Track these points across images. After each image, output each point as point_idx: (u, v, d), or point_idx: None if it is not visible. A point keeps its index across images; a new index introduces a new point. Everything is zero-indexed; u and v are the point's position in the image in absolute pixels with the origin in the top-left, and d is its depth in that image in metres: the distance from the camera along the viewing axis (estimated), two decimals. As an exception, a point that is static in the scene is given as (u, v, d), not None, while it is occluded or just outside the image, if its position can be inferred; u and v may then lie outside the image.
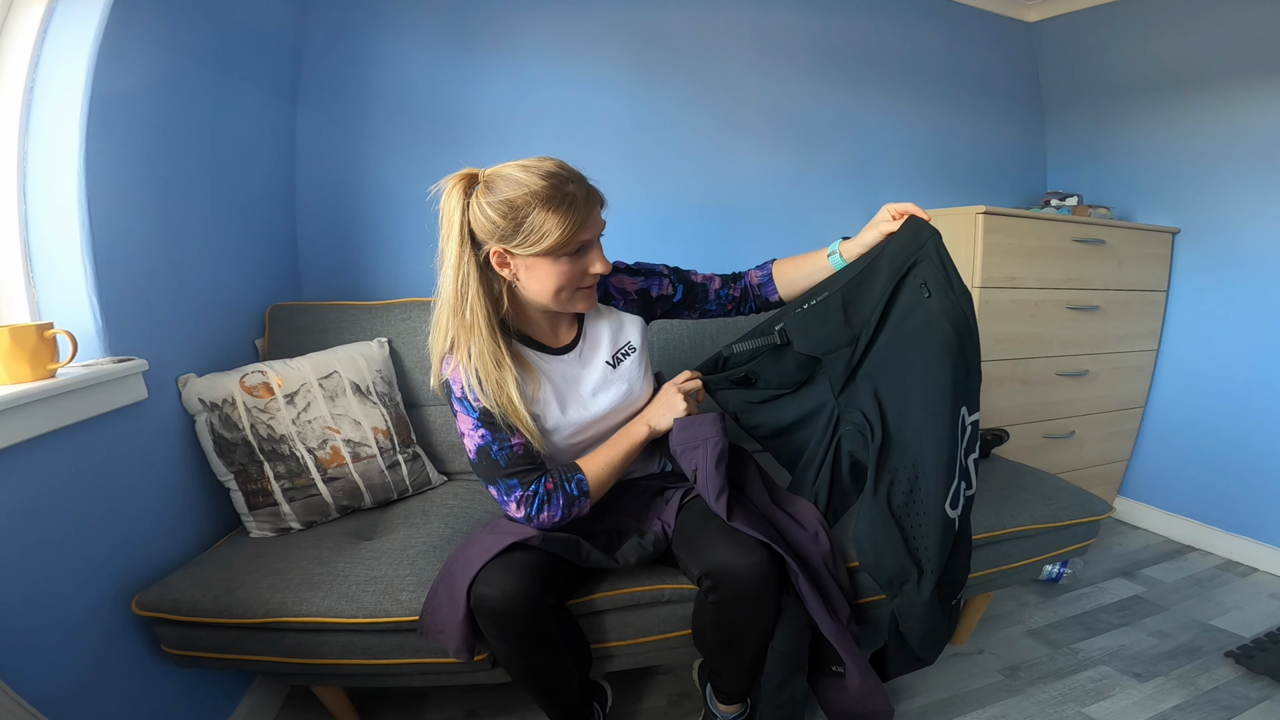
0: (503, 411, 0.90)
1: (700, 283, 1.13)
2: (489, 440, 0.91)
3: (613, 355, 1.05)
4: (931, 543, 0.96)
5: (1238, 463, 1.90)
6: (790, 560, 0.93)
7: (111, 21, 0.94)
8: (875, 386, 1.02)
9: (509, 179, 0.86)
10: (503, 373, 0.90)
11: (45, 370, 0.84)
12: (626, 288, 1.08)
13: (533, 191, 0.84)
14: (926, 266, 0.95)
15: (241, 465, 1.13)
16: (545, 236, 0.85)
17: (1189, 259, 2.00)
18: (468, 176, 0.88)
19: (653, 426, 1.02)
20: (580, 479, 0.95)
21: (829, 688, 1.05)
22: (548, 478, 0.93)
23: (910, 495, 0.97)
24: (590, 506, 0.97)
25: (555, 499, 0.92)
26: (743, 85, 1.92)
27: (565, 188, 0.85)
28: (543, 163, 0.87)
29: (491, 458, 0.91)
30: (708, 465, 0.97)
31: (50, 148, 0.92)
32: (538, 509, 0.92)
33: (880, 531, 0.97)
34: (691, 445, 0.99)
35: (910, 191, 2.15)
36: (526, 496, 0.91)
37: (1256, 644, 1.43)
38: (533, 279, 0.90)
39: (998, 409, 1.82)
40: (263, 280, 1.45)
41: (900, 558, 0.96)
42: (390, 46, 1.60)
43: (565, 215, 0.85)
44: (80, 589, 0.87)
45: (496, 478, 0.92)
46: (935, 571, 0.95)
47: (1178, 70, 1.94)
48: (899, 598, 0.99)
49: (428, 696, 1.31)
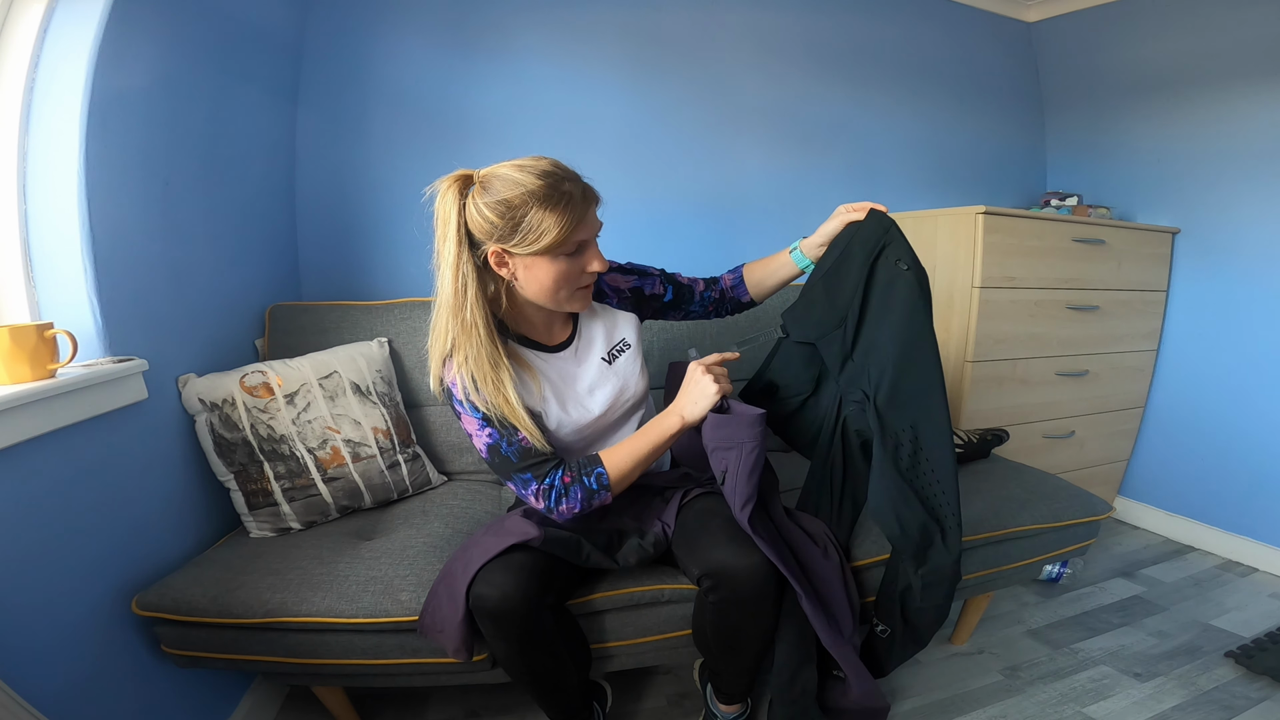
0: (499, 413, 0.90)
1: (687, 285, 1.16)
2: (497, 438, 0.91)
3: (608, 352, 1.05)
4: (948, 497, 0.98)
5: (1238, 463, 1.90)
6: (795, 584, 0.92)
7: (111, 21, 0.94)
8: (868, 361, 1.04)
9: (505, 179, 0.86)
10: (499, 373, 0.90)
11: (45, 370, 0.84)
12: (620, 285, 1.09)
13: (530, 191, 0.84)
14: (896, 247, 1.01)
15: (241, 465, 1.13)
16: (543, 235, 0.85)
17: (1189, 259, 2.00)
18: (462, 178, 0.88)
19: (685, 418, 0.96)
20: (600, 472, 0.93)
21: (830, 690, 1.06)
22: (565, 470, 0.93)
23: (915, 456, 0.99)
24: (613, 497, 0.95)
25: (573, 492, 0.92)
26: (742, 85, 1.92)
27: (562, 186, 0.86)
28: (538, 162, 0.87)
29: (502, 455, 0.91)
30: (739, 470, 0.93)
31: (50, 148, 0.92)
32: (555, 501, 0.91)
33: (897, 496, 0.98)
34: (725, 445, 0.94)
35: (910, 191, 2.15)
36: (543, 489, 0.91)
37: (1256, 644, 1.43)
38: (531, 278, 0.90)
39: (998, 409, 1.82)
40: (263, 280, 1.45)
41: (920, 517, 0.98)
42: (390, 47, 1.60)
43: (563, 214, 0.85)
44: (80, 589, 0.87)
45: (511, 473, 0.92)
46: (957, 526, 0.98)
47: (1178, 70, 1.94)
48: (925, 565, 0.99)
49: (428, 696, 1.31)
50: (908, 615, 1.05)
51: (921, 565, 0.99)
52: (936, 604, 1.02)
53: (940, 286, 1.82)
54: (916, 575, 1.00)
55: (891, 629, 1.06)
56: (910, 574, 1.01)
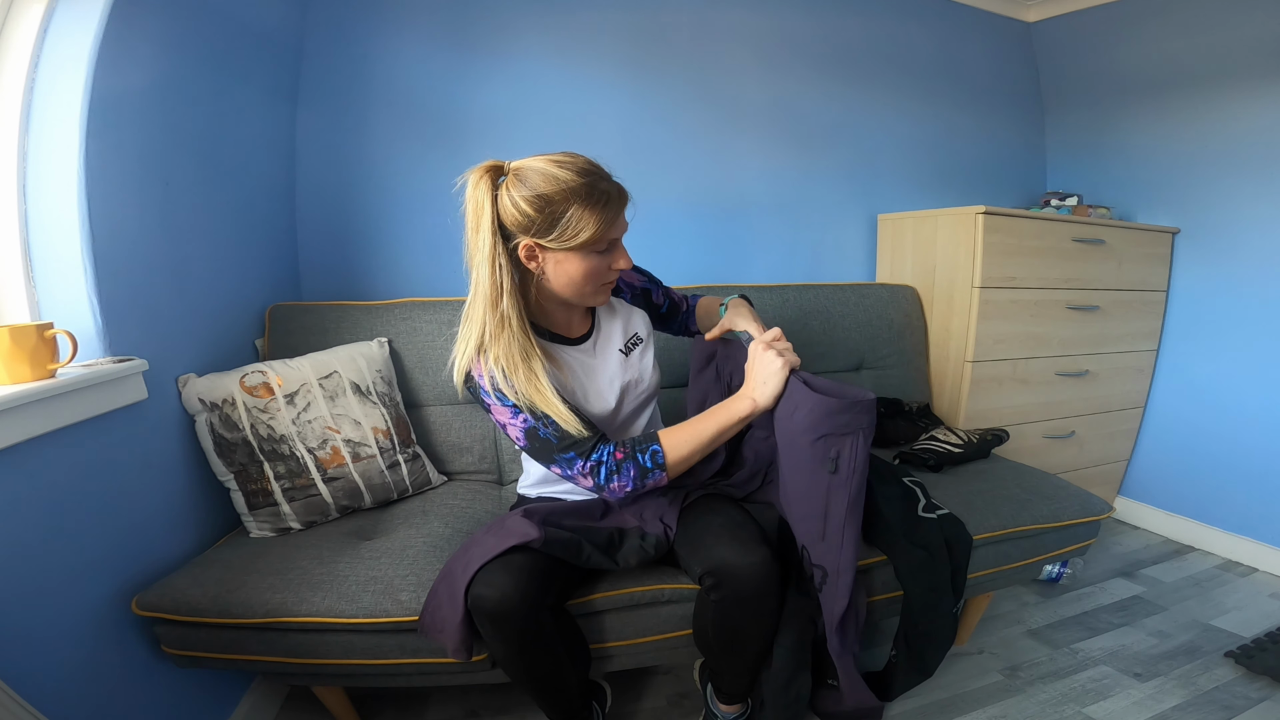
0: (529, 402, 0.89)
1: (677, 303, 1.22)
2: (532, 423, 0.90)
3: (625, 344, 1.07)
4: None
5: (1238, 463, 1.90)
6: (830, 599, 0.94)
7: (111, 22, 0.94)
8: None
9: (543, 173, 0.85)
10: (531, 363, 0.89)
11: (45, 370, 0.84)
12: (634, 283, 1.14)
13: (570, 188, 0.85)
14: None
15: (241, 465, 1.13)
16: (581, 232, 0.86)
17: (1189, 259, 2.00)
18: (493, 168, 0.88)
19: (758, 401, 0.91)
20: (656, 450, 0.91)
21: (824, 700, 1.07)
22: (617, 447, 0.91)
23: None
24: (669, 479, 0.93)
25: (625, 469, 0.90)
26: (742, 85, 1.92)
27: (600, 185, 0.87)
28: (574, 159, 0.88)
29: (541, 438, 0.90)
30: (857, 457, 0.86)
31: (50, 148, 0.92)
32: (605, 478, 0.90)
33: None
34: (840, 431, 0.86)
35: (910, 191, 2.15)
36: (592, 466, 0.90)
37: (1256, 644, 1.43)
38: (560, 273, 0.91)
39: (998, 409, 1.82)
40: (263, 280, 1.45)
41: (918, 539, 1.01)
42: (390, 47, 1.60)
43: (601, 212, 0.86)
44: (80, 589, 0.87)
45: (554, 455, 0.91)
46: (943, 545, 1.04)
47: (1178, 70, 1.94)
48: (922, 581, 1.03)
49: (428, 696, 1.31)
50: (911, 639, 1.06)
51: (918, 584, 1.02)
52: (937, 626, 1.03)
53: (940, 286, 1.82)
54: (916, 594, 1.02)
55: (898, 654, 1.07)
56: (911, 594, 1.03)
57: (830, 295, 1.76)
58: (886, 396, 1.72)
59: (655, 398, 1.14)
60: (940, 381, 1.84)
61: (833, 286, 1.79)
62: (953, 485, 1.32)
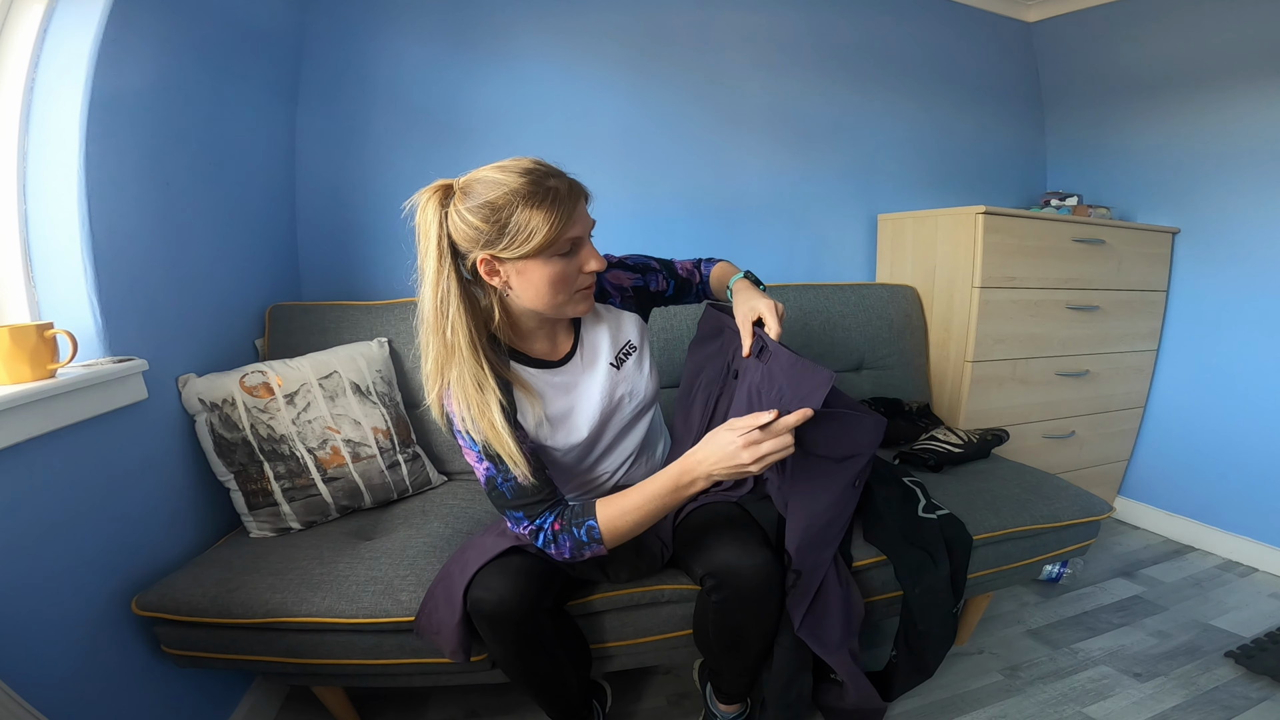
0: (484, 439, 0.84)
1: (685, 278, 1.11)
2: (493, 472, 0.86)
3: (615, 356, 1.00)
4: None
5: (1238, 463, 1.90)
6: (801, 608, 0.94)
7: (111, 21, 0.94)
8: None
9: (486, 181, 0.82)
10: (485, 396, 0.84)
11: (45, 370, 0.84)
12: (623, 283, 1.05)
13: (513, 190, 0.80)
14: None
15: (241, 465, 1.13)
16: (532, 235, 0.80)
17: (1189, 259, 2.00)
18: (443, 188, 0.84)
19: (711, 481, 0.83)
20: (592, 525, 0.85)
21: (826, 693, 1.07)
22: (556, 516, 0.87)
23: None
24: (608, 551, 0.88)
25: (562, 541, 0.86)
26: (742, 85, 1.92)
27: (546, 182, 0.81)
28: (519, 161, 0.84)
29: (498, 489, 0.87)
30: (860, 478, 0.91)
31: (50, 148, 0.92)
32: (544, 544, 0.87)
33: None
34: (848, 453, 0.88)
35: (910, 191, 2.15)
36: (533, 531, 0.87)
37: (1256, 644, 1.43)
38: (525, 284, 0.85)
39: (998, 409, 1.82)
40: (263, 280, 1.45)
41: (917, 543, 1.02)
42: (390, 47, 1.60)
43: (550, 211, 0.80)
44: (80, 589, 0.87)
45: (504, 509, 0.89)
46: (943, 550, 1.04)
47: (1178, 70, 1.94)
48: (920, 585, 1.03)
49: (428, 696, 1.31)
50: (911, 639, 1.06)
51: (917, 585, 1.02)
52: (936, 625, 1.04)
53: (940, 286, 1.82)
54: (915, 594, 1.02)
55: (898, 655, 1.07)
56: (910, 595, 1.04)
57: (830, 295, 1.76)
58: (886, 396, 1.72)
59: (654, 405, 1.09)
60: (940, 381, 1.84)
61: (833, 286, 1.79)
62: (953, 485, 1.32)
